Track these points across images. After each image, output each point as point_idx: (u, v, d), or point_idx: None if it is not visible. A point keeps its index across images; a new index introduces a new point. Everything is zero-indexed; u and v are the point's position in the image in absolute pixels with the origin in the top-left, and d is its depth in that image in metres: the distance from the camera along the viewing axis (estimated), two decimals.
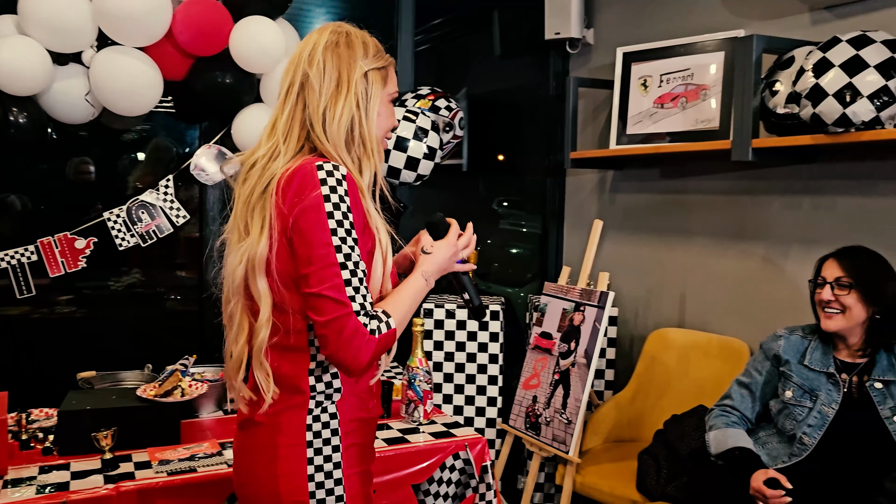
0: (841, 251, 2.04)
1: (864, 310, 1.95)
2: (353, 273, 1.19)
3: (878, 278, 1.97)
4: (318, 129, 1.26)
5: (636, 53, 3.01)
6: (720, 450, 2.04)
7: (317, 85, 1.25)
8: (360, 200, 1.25)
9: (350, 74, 1.26)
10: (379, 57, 1.32)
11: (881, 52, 2.02)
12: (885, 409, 1.93)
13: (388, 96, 1.33)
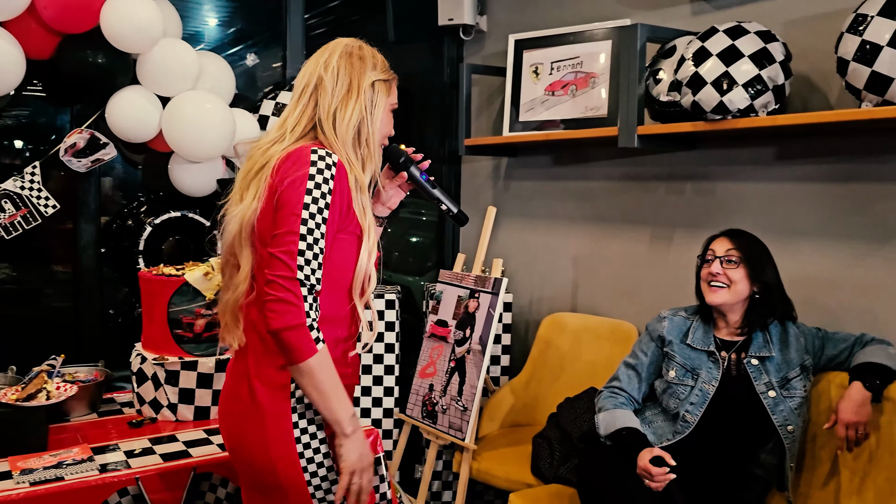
0: (730, 230, 2.12)
1: (748, 286, 2.03)
2: (310, 247, 1.31)
3: (762, 257, 2.06)
4: (328, 127, 1.40)
5: (527, 41, 3.03)
6: (609, 431, 2.08)
7: (329, 87, 1.40)
8: (349, 189, 1.38)
9: (360, 82, 1.41)
10: (385, 70, 1.48)
11: (755, 43, 2.10)
12: (760, 385, 2.02)
13: (390, 106, 1.49)
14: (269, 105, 2.88)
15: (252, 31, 5.15)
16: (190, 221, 2.90)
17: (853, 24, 1.90)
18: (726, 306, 2.05)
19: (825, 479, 2.04)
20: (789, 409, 1.99)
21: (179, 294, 2.01)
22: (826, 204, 2.25)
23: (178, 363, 2.01)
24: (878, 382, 1.92)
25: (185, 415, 2.03)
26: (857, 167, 2.17)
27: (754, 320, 2.06)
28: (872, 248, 2.14)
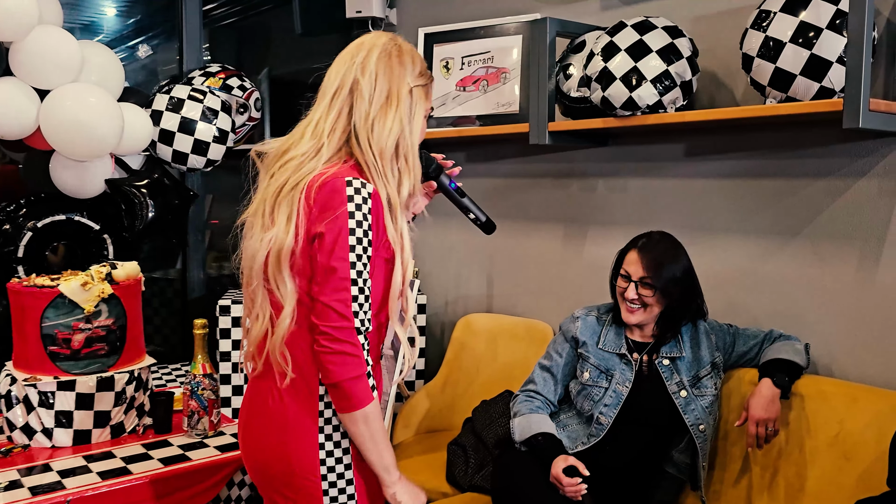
0: (643, 245, 2.01)
1: (662, 305, 1.98)
2: (361, 291, 1.26)
3: (674, 275, 1.97)
4: (364, 139, 1.29)
5: (438, 35, 2.94)
6: (524, 436, 2.02)
7: (367, 94, 1.29)
8: (382, 216, 1.29)
9: (400, 89, 1.31)
10: (423, 75, 1.37)
11: (663, 38, 2.07)
12: (671, 385, 1.99)
13: (427, 112, 1.38)
14: (162, 99, 2.69)
15: (151, 23, 4.88)
16: (76, 225, 2.69)
17: (757, 20, 1.89)
18: (642, 322, 2.02)
19: (737, 477, 2.04)
20: (700, 407, 1.98)
21: (54, 307, 1.82)
22: (735, 200, 2.25)
23: (53, 383, 1.82)
24: (786, 379, 1.92)
25: (62, 440, 1.84)
26: (764, 163, 2.17)
27: (667, 327, 2.03)
28: (780, 243, 2.16)
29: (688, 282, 2.00)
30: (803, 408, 1.95)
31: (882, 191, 1.94)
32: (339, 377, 1.24)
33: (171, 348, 3.30)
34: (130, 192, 2.64)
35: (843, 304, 2.03)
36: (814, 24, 1.78)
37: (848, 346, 2.02)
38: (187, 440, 1.90)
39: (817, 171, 2.07)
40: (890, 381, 1.92)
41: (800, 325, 2.10)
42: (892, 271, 1.94)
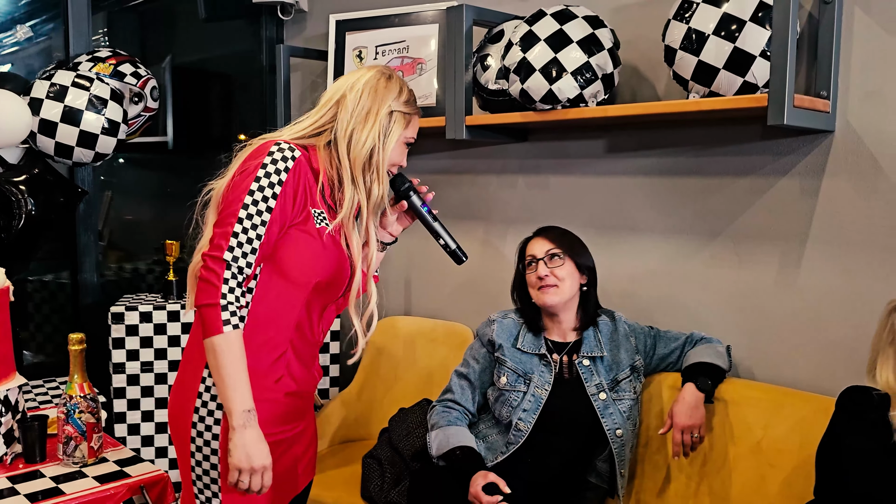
0: (540, 229, 2.03)
1: (577, 279, 1.94)
2: (245, 231, 1.36)
3: (580, 246, 1.99)
4: (342, 145, 1.48)
5: (350, 22, 2.78)
6: (442, 451, 1.90)
7: (350, 106, 1.48)
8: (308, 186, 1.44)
9: (380, 109, 1.49)
10: (408, 104, 1.55)
11: (583, 28, 1.97)
12: (591, 386, 1.92)
13: (405, 139, 1.56)
14: (42, 86, 2.43)
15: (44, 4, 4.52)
16: None
17: (679, 11, 1.81)
18: (559, 306, 1.93)
19: (661, 487, 1.97)
20: (619, 412, 1.91)
21: None
22: (657, 197, 2.18)
23: None
24: (709, 383, 1.86)
25: None
26: (686, 160, 2.11)
27: (589, 313, 1.95)
28: (702, 242, 2.10)
29: (593, 264, 2.00)
30: (726, 413, 1.90)
31: (804, 190, 1.90)
32: (197, 301, 1.35)
33: (63, 358, 3.02)
34: (6, 189, 2.38)
35: (765, 305, 1.99)
36: (737, 17, 1.71)
37: (770, 349, 1.98)
38: (63, 469, 1.69)
39: (739, 169, 2.01)
40: (813, 383, 1.88)
41: (721, 326, 2.05)
42: (813, 273, 1.90)
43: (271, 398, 1.44)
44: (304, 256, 1.44)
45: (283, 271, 1.44)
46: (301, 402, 1.54)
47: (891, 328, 1.41)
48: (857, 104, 1.80)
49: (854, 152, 1.81)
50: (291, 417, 1.51)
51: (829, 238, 1.87)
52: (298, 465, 1.57)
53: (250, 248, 1.36)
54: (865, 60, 1.78)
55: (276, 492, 1.49)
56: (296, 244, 1.44)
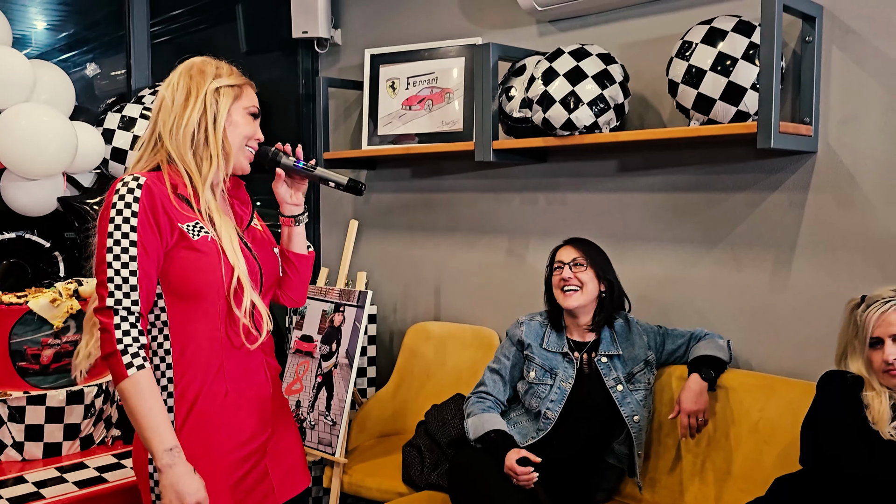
0: (571, 239, 2.28)
1: (597, 286, 2.19)
2: (117, 272, 1.34)
3: (603, 259, 2.24)
4: (166, 137, 1.45)
5: (383, 56, 3.08)
6: (478, 434, 2.16)
7: (170, 100, 1.46)
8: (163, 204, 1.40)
9: (199, 90, 1.45)
10: (233, 77, 1.52)
11: (597, 65, 2.26)
12: (609, 380, 2.17)
13: (245, 109, 1.52)
14: (114, 118, 2.73)
15: (88, 37, 4.83)
16: (27, 243, 2.69)
17: (681, 50, 2.10)
18: (580, 308, 2.19)
19: (671, 465, 2.23)
20: (635, 401, 2.17)
21: (23, 324, 1.86)
22: (663, 212, 2.46)
23: (23, 398, 1.86)
24: (712, 373, 2.13)
25: (33, 453, 1.88)
26: (689, 178, 2.39)
27: (604, 317, 2.21)
28: (703, 250, 2.37)
29: (612, 269, 2.24)
30: (728, 399, 2.16)
31: (792, 203, 2.18)
32: (101, 353, 1.37)
33: None
34: (83, 209, 2.67)
35: (760, 304, 2.26)
36: (730, 55, 2.00)
37: (765, 342, 2.25)
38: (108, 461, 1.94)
39: (735, 185, 2.29)
40: (801, 371, 2.15)
41: (722, 324, 2.32)
42: (802, 274, 2.17)
43: (224, 414, 1.44)
44: (195, 272, 1.42)
45: (184, 294, 1.42)
46: (260, 410, 1.51)
47: (853, 324, 1.69)
48: (836, 129, 2.08)
49: (834, 170, 2.09)
50: (255, 427, 1.50)
51: (814, 244, 2.14)
52: (273, 475, 1.54)
53: (129, 286, 1.34)
54: (842, 91, 2.07)
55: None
56: (182, 265, 1.41)
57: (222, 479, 1.42)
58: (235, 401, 1.46)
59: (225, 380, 1.44)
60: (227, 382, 1.44)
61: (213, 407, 1.43)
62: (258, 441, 1.50)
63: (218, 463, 1.43)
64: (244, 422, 1.47)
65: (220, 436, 1.43)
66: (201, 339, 1.43)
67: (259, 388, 1.51)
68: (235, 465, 1.45)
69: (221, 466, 1.43)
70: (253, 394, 1.49)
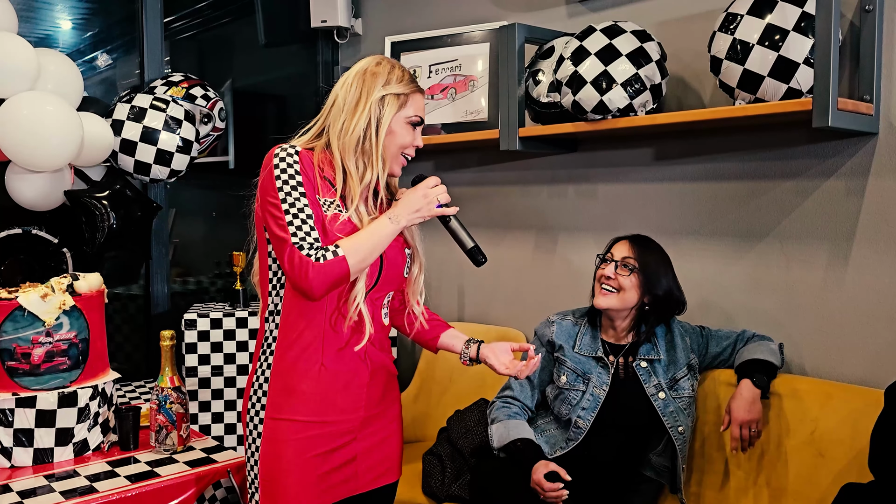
0: (635, 236, 2.06)
1: (637, 296, 1.99)
2: (295, 215, 1.43)
3: (659, 269, 2.01)
4: (334, 135, 1.52)
5: (404, 43, 2.93)
6: (503, 443, 1.99)
7: (342, 102, 1.53)
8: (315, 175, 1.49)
9: (369, 96, 1.51)
10: (401, 85, 1.55)
11: (631, 42, 2.08)
12: (650, 387, 1.99)
13: (406, 119, 1.57)
14: (123, 109, 2.62)
15: (110, 36, 4.78)
16: (34, 239, 2.59)
17: (724, 23, 1.91)
18: (613, 311, 2.01)
19: (721, 480, 2.04)
20: (679, 409, 1.98)
21: (12, 320, 1.74)
22: (704, 202, 2.27)
23: (11, 400, 1.73)
24: (765, 378, 1.93)
25: (22, 459, 1.76)
26: (732, 165, 2.20)
27: (641, 330, 2.03)
28: (747, 245, 2.18)
29: (669, 280, 2.02)
30: (781, 407, 1.96)
31: (849, 191, 1.97)
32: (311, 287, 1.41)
33: (135, 366, 3.19)
34: (91, 203, 2.56)
35: (814, 303, 2.05)
36: (780, 27, 1.81)
37: (820, 345, 2.04)
38: (154, 456, 1.83)
39: (785, 172, 2.09)
40: (862, 377, 1.94)
41: (771, 324, 2.12)
42: (860, 270, 1.97)
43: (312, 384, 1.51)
44: None
45: None
46: (352, 392, 1.55)
47: None
48: None
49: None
50: (340, 407, 1.54)
51: (875, 236, 1.94)
52: (360, 461, 1.59)
53: (308, 227, 1.43)
54: None
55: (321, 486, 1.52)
56: None
57: (305, 449, 1.50)
58: (327, 377, 1.52)
59: (322, 354, 1.51)
60: (323, 357, 1.51)
61: (307, 375, 1.50)
62: (348, 421, 1.55)
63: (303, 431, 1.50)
64: (335, 397, 1.53)
65: (308, 404, 1.50)
66: (307, 318, 1.50)
67: (353, 374, 1.55)
68: (322, 438, 1.51)
69: (307, 436, 1.50)
70: (346, 376, 1.54)
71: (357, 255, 1.44)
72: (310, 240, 1.43)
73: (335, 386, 1.53)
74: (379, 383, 1.62)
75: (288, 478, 1.48)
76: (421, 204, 1.55)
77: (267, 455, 1.50)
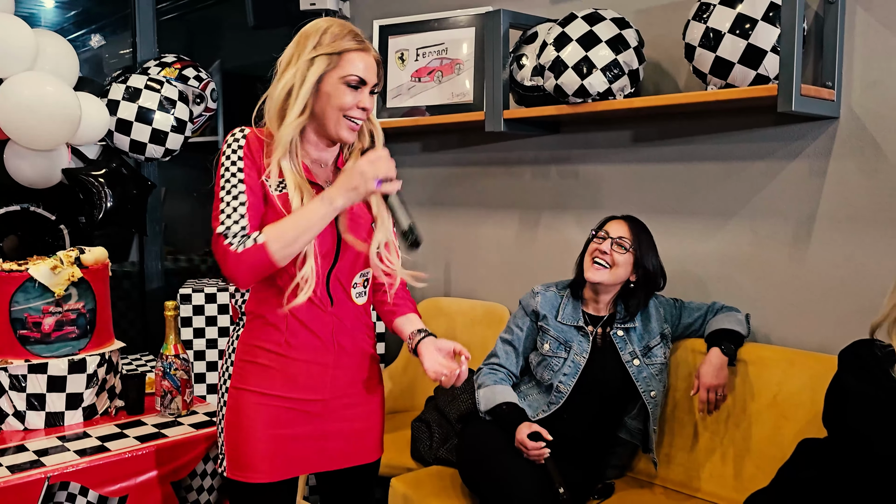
0: (629, 216, 2.16)
1: (628, 272, 2.11)
2: (228, 204, 1.45)
3: (649, 249, 2.13)
4: (268, 101, 1.50)
5: (392, 27, 3.02)
6: (489, 406, 2.12)
7: (278, 65, 1.52)
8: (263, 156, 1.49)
9: (299, 57, 1.47)
10: (333, 44, 1.48)
11: (611, 29, 2.19)
12: (625, 354, 2.12)
13: (341, 78, 1.48)
14: (118, 89, 2.69)
15: (97, 14, 4.79)
16: (32, 216, 2.67)
17: (698, 12, 2.03)
18: (601, 286, 2.13)
19: (687, 442, 2.18)
20: (651, 375, 2.11)
21: (23, 291, 1.83)
22: (679, 183, 2.39)
23: (24, 366, 1.83)
24: (732, 347, 2.07)
25: (34, 422, 1.86)
26: (705, 147, 2.32)
27: (625, 305, 2.15)
28: (719, 223, 2.31)
29: (654, 260, 2.13)
30: (747, 373, 2.10)
31: (812, 171, 2.11)
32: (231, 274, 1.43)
33: (130, 340, 3.27)
34: (88, 181, 2.64)
35: (779, 277, 2.19)
36: (750, 16, 1.93)
37: (784, 315, 2.18)
38: (161, 419, 1.93)
39: (754, 154, 2.22)
40: (821, 345, 2.08)
41: (740, 297, 2.25)
42: (822, 246, 2.10)
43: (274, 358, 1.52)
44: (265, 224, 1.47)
45: None
46: (314, 373, 1.55)
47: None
48: (860, 93, 2.00)
49: (857, 136, 2.02)
50: (301, 384, 1.54)
51: (836, 214, 2.07)
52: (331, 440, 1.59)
53: (238, 215, 1.44)
54: (866, 53, 1.99)
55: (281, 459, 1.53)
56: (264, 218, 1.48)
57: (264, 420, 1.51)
58: (290, 353, 1.52)
59: (286, 331, 1.52)
60: (287, 334, 1.52)
61: (269, 350, 1.52)
62: (309, 401, 1.55)
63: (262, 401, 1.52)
64: (296, 375, 1.53)
65: (268, 378, 1.52)
66: (270, 294, 1.51)
67: (316, 354, 1.55)
68: (280, 411, 1.52)
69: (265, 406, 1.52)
70: (308, 354, 1.54)
71: (280, 242, 1.42)
72: (235, 228, 1.43)
73: (297, 363, 1.53)
74: (349, 366, 1.60)
75: (247, 446, 1.51)
76: (358, 182, 1.46)
77: (230, 423, 1.52)
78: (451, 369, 1.56)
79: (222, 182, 1.47)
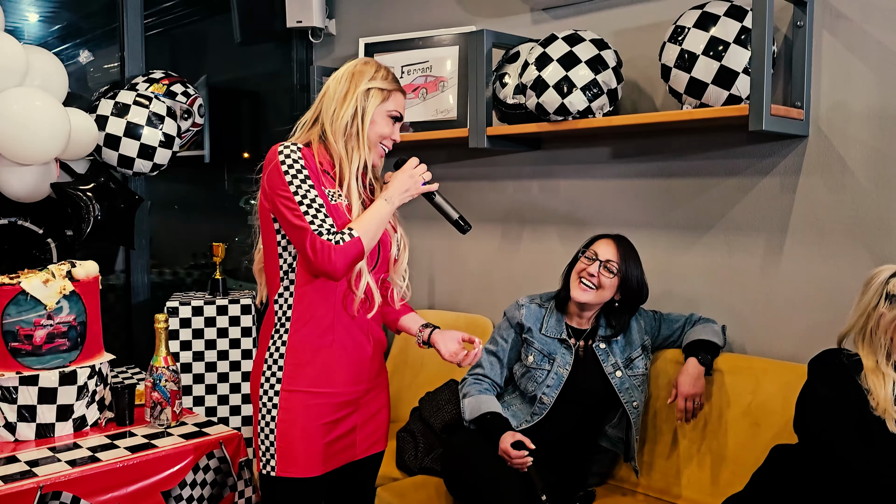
0: (618, 236, 2.21)
1: (613, 293, 2.16)
2: (309, 206, 1.58)
3: (635, 270, 2.17)
4: (327, 120, 1.68)
5: (378, 44, 3.08)
6: (474, 415, 2.17)
7: (333, 92, 1.70)
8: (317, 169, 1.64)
9: (356, 89, 1.68)
10: (385, 82, 1.73)
11: (590, 50, 2.27)
12: (608, 366, 2.18)
13: (387, 112, 1.73)
14: (107, 105, 2.72)
15: (83, 28, 4.81)
16: (19, 230, 2.68)
17: (673, 35, 2.11)
18: (587, 305, 2.18)
19: (665, 450, 2.24)
20: (633, 386, 2.17)
21: (15, 304, 1.85)
22: (656, 198, 2.47)
23: (15, 378, 1.85)
24: (708, 357, 2.14)
25: (25, 434, 1.88)
26: (681, 164, 2.40)
27: (605, 320, 2.22)
28: (694, 237, 2.39)
29: (638, 278, 2.18)
30: (722, 382, 2.17)
31: (783, 187, 2.19)
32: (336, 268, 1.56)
33: (115, 353, 3.28)
34: (76, 195, 2.66)
35: (753, 289, 2.27)
36: (723, 39, 2.01)
37: (757, 326, 2.26)
38: (151, 430, 1.96)
39: (727, 171, 2.30)
40: (793, 354, 2.16)
41: (715, 308, 2.33)
42: (793, 259, 2.19)
43: (328, 359, 1.66)
44: None
45: None
46: (358, 365, 1.71)
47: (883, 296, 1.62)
48: (826, 112, 2.10)
49: (825, 154, 2.11)
50: (347, 379, 1.69)
51: (805, 228, 2.16)
52: (359, 431, 1.75)
53: (323, 214, 1.58)
54: (833, 75, 2.08)
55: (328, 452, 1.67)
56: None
57: (316, 417, 1.65)
58: (338, 352, 1.67)
59: (333, 333, 1.67)
60: (334, 335, 1.67)
61: (320, 350, 1.66)
62: (353, 392, 1.71)
63: (315, 400, 1.65)
64: (344, 370, 1.68)
65: (320, 377, 1.65)
66: (320, 298, 1.66)
67: (360, 348, 1.71)
68: (331, 408, 1.67)
69: (318, 404, 1.65)
70: (354, 350, 1.70)
71: (368, 235, 1.60)
72: (326, 225, 1.57)
73: (345, 359, 1.68)
74: (377, 357, 1.79)
75: (301, 444, 1.63)
76: (409, 184, 1.72)
77: (284, 423, 1.63)
78: (467, 350, 1.78)
79: (294, 188, 1.59)
